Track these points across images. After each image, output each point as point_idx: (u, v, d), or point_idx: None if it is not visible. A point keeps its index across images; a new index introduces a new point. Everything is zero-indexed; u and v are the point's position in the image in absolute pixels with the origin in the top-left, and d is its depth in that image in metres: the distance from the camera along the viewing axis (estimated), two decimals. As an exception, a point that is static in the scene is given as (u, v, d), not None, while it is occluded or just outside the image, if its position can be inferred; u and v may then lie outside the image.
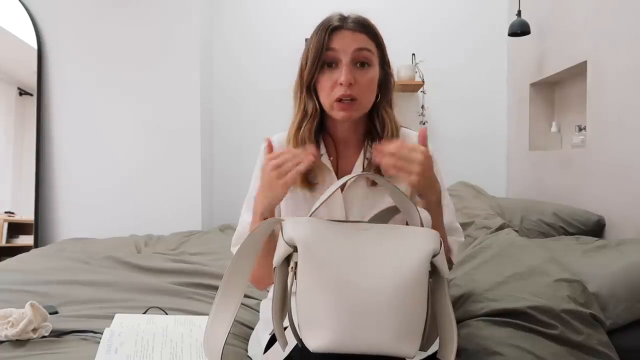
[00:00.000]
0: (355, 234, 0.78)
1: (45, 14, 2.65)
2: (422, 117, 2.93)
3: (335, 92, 0.97)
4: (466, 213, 2.10)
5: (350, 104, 0.97)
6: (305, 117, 1.01)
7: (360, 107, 0.99)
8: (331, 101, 0.98)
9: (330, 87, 0.97)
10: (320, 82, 0.99)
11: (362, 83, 0.97)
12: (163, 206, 2.68)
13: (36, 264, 1.75)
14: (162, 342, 1.00)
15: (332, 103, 0.98)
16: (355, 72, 0.97)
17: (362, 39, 0.98)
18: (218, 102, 2.98)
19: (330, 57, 0.97)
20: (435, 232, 0.80)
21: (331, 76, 0.97)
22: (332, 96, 0.97)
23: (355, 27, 0.98)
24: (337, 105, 0.97)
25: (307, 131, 1.00)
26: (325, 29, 0.97)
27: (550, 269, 1.33)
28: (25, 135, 2.72)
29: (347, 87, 0.95)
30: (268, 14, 2.97)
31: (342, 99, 0.96)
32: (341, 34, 0.97)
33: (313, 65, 0.98)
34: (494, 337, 1.11)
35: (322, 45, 0.97)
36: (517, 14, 2.47)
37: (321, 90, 1.00)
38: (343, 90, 0.95)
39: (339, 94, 0.96)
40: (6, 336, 1.03)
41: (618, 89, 1.89)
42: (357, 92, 0.96)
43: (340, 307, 0.71)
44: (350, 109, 0.97)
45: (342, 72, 0.95)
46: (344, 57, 0.96)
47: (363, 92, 0.97)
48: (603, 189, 1.98)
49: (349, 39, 0.97)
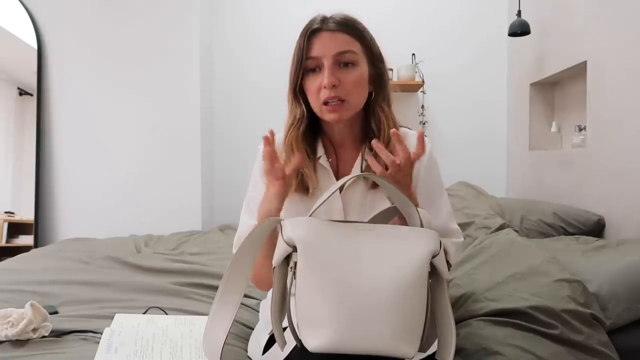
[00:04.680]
0: (355, 234, 0.78)
1: (45, 14, 2.65)
2: (422, 117, 2.93)
3: (322, 95, 0.96)
4: (466, 213, 2.10)
5: (338, 105, 0.96)
6: (293, 123, 1.01)
7: (350, 107, 0.98)
8: (319, 104, 0.98)
9: (316, 91, 0.97)
10: (307, 86, 0.99)
11: (347, 83, 0.96)
12: (163, 206, 2.68)
13: (36, 264, 1.75)
14: (162, 342, 1.00)
15: (320, 106, 0.98)
16: (338, 73, 0.96)
17: (343, 40, 0.97)
18: (218, 102, 2.98)
19: (312, 65, 0.97)
20: (435, 232, 0.79)
21: (315, 80, 0.97)
22: (319, 99, 0.97)
23: (335, 27, 0.97)
24: (326, 108, 0.97)
25: (294, 137, 1.00)
26: (304, 34, 0.97)
27: (550, 269, 1.33)
28: (25, 135, 2.72)
29: (332, 89, 0.95)
30: (268, 14, 2.98)
31: (329, 101, 0.96)
32: (320, 37, 0.96)
33: (296, 71, 0.98)
34: (494, 337, 1.11)
35: (302, 52, 0.97)
36: (517, 14, 2.47)
37: (309, 94, 1.00)
38: (329, 93, 0.95)
39: (325, 97, 0.96)
40: (6, 336, 1.02)
41: (618, 89, 1.88)
42: (343, 93, 0.96)
43: (340, 307, 0.71)
44: (339, 110, 0.96)
45: (325, 74, 0.95)
46: (325, 61, 0.96)
47: (349, 92, 0.96)
48: (603, 189, 1.98)
49: (329, 42, 0.96)
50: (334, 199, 1.00)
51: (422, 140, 0.88)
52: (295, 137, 1.00)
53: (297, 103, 1.01)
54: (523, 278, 1.31)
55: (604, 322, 1.21)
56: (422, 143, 0.88)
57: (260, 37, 2.97)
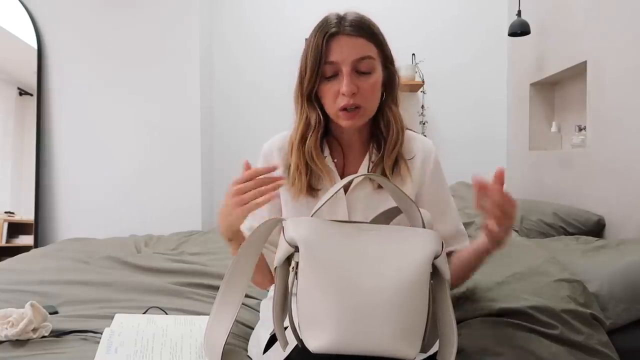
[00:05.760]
0: (357, 234, 0.78)
1: (45, 14, 2.65)
2: (422, 117, 2.93)
3: (339, 102, 0.95)
4: (466, 213, 2.10)
5: (355, 113, 0.96)
6: (309, 129, 1.00)
7: (366, 113, 0.98)
8: (335, 110, 0.97)
9: (333, 97, 0.96)
10: (322, 91, 0.98)
11: (365, 90, 0.95)
12: (163, 206, 2.68)
13: (36, 264, 1.75)
14: (162, 342, 1.00)
15: (336, 112, 0.97)
16: (357, 80, 0.95)
17: (362, 45, 0.95)
18: (218, 102, 2.98)
19: (329, 71, 0.96)
20: (437, 233, 0.79)
21: (332, 86, 0.96)
22: (336, 106, 0.96)
23: (352, 31, 0.95)
24: (343, 115, 0.96)
25: (313, 142, 0.99)
26: (322, 36, 0.95)
27: (550, 269, 1.33)
28: (25, 135, 2.72)
29: (350, 97, 0.94)
30: (267, 14, 2.97)
31: (347, 107, 0.95)
32: (339, 41, 0.94)
33: (312, 76, 0.96)
34: (494, 337, 1.11)
35: (320, 56, 0.94)
36: (517, 14, 2.47)
37: (324, 99, 0.98)
38: (346, 100, 0.94)
39: (342, 104, 0.95)
40: (6, 336, 1.02)
41: (618, 89, 1.88)
42: (361, 100, 0.95)
43: (342, 308, 0.71)
44: (355, 117, 0.96)
45: (344, 82, 0.94)
46: (344, 67, 0.94)
47: (366, 99, 0.96)
48: (603, 189, 1.98)
49: (348, 47, 0.94)
50: (338, 199, 1.00)
51: (502, 179, 0.86)
52: (314, 144, 0.99)
53: (312, 108, 1.00)
54: (523, 278, 1.31)
55: (604, 322, 1.21)
56: (502, 181, 0.86)
57: (260, 37, 2.97)
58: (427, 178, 1.04)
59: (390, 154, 1.00)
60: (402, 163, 1.01)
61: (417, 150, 1.05)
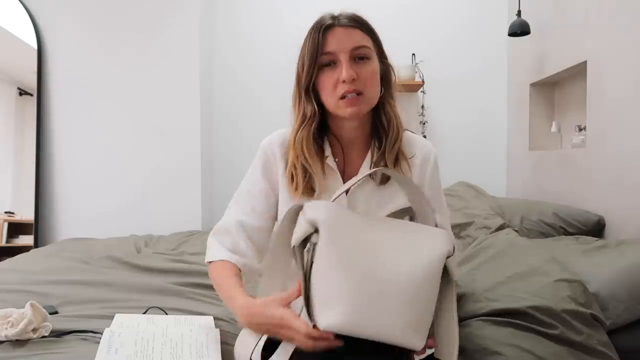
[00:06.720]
0: (374, 225, 0.80)
1: (45, 14, 2.65)
2: (422, 117, 2.93)
3: (339, 90, 0.95)
4: (466, 213, 2.10)
5: (356, 99, 0.95)
6: (304, 121, 1.00)
7: (367, 100, 0.97)
8: (336, 99, 0.96)
9: (332, 86, 0.96)
10: (321, 82, 0.97)
11: (365, 76, 0.96)
12: (163, 206, 2.68)
13: (36, 264, 1.75)
14: (162, 342, 0.99)
15: (337, 101, 0.96)
16: (355, 67, 0.95)
17: (358, 35, 0.96)
18: (218, 102, 2.98)
19: (327, 60, 0.96)
20: (451, 234, 0.81)
21: (332, 75, 0.96)
22: (336, 94, 0.96)
23: (348, 22, 0.96)
24: (344, 102, 0.95)
25: (305, 132, 0.99)
26: (318, 30, 0.96)
27: (550, 269, 1.33)
28: (25, 135, 2.72)
29: (350, 83, 0.94)
30: (267, 14, 2.97)
31: (347, 94, 0.95)
32: (335, 32, 0.95)
33: (310, 68, 0.96)
34: (494, 337, 1.11)
35: (317, 48, 0.95)
36: (517, 14, 2.47)
37: (323, 91, 0.98)
38: (347, 87, 0.94)
39: (342, 91, 0.95)
40: (6, 336, 1.02)
41: (618, 89, 1.88)
42: (361, 86, 0.95)
43: (358, 291, 0.72)
44: (357, 103, 0.95)
45: (343, 69, 0.94)
46: (342, 56, 0.95)
47: (367, 85, 0.96)
48: (603, 189, 1.98)
49: (344, 37, 0.95)
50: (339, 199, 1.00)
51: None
52: (305, 136, 0.99)
53: (308, 101, 0.99)
54: (523, 278, 1.31)
55: (604, 322, 1.21)
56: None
57: (260, 38, 2.96)
58: (426, 178, 1.04)
59: (392, 150, 1.00)
60: (403, 160, 1.01)
61: (417, 150, 1.05)
